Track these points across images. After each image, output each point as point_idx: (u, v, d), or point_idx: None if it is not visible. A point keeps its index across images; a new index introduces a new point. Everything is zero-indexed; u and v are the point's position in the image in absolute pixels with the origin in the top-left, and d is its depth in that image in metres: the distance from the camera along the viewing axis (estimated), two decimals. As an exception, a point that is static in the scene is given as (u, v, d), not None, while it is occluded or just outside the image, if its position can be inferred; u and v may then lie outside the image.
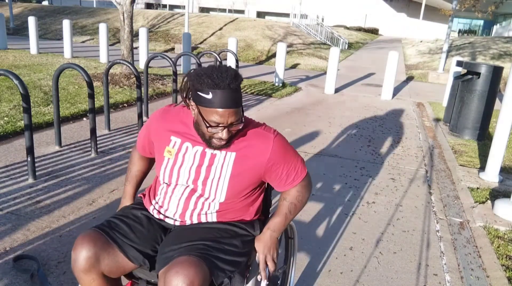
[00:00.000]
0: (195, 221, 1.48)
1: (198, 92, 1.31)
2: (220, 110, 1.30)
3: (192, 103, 1.37)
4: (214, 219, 1.48)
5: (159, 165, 1.52)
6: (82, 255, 1.29)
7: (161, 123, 1.52)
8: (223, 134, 1.34)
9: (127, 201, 1.71)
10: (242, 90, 7.94)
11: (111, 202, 3.01)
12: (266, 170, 1.46)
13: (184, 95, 1.42)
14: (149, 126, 1.57)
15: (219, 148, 1.41)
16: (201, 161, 1.45)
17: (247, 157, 1.44)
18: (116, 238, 1.37)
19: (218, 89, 1.28)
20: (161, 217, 1.50)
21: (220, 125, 1.32)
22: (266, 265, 1.47)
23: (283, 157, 1.46)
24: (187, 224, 1.48)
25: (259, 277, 1.46)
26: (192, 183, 1.46)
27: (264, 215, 1.71)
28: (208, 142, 1.39)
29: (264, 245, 1.48)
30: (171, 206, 1.48)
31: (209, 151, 1.45)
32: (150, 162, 1.74)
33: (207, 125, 1.33)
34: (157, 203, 1.52)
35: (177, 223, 1.49)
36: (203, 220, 1.48)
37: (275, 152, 1.44)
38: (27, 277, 2.08)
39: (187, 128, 1.49)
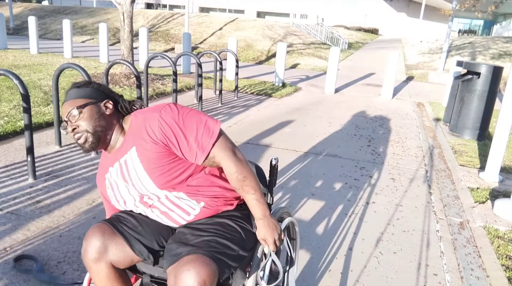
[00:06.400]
0: (187, 218, 1.48)
1: None
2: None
3: None
4: (197, 209, 1.47)
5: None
6: (92, 244, 1.37)
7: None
8: (69, 128, 1.45)
9: None
10: (242, 90, 8.00)
11: (111, 202, 3.00)
12: (167, 145, 1.41)
13: None
14: None
15: (88, 148, 1.45)
16: (121, 173, 1.48)
17: (145, 144, 1.41)
18: (123, 230, 1.42)
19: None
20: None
21: (64, 120, 1.45)
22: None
23: (176, 130, 1.40)
24: (183, 224, 1.49)
25: (260, 273, 1.46)
26: (133, 194, 1.48)
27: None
28: (80, 146, 1.47)
29: (264, 232, 1.45)
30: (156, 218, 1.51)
31: (120, 161, 1.48)
32: None
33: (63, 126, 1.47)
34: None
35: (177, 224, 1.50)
36: (191, 214, 1.47)
37: (163, 128, 1.39)
38: (27, 277, 2.08)
39: (105, 155, 1.56)
